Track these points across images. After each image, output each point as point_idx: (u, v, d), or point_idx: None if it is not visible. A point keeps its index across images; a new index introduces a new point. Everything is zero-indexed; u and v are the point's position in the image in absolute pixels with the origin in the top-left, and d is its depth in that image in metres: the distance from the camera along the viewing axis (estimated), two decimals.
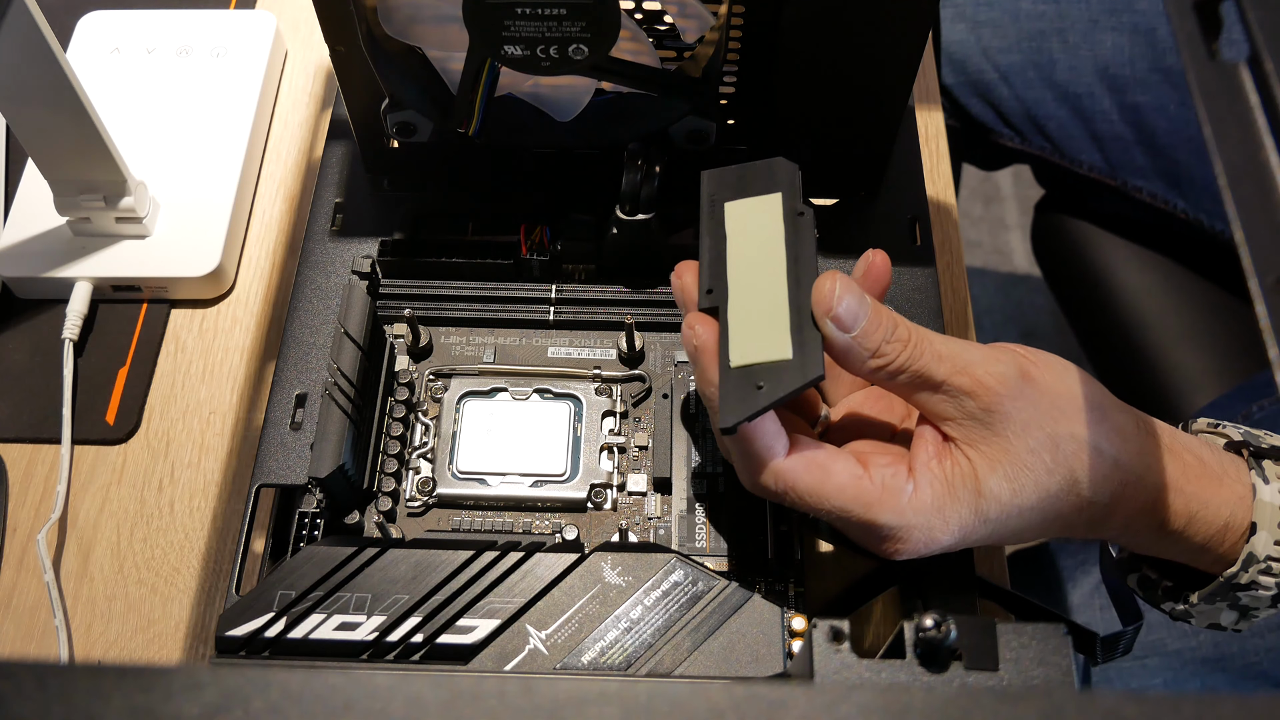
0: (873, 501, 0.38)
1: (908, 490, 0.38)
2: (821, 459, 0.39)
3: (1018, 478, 0.38)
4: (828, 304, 0.38)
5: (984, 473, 0.38)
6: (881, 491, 0.38)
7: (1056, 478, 0.38)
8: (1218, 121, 0.27)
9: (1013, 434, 0.38)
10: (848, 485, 0.38)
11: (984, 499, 0.38)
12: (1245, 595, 0.41)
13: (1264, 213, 0.25)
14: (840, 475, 0.38)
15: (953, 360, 0.39)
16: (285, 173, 0.66)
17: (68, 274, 0.59)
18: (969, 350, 0.39)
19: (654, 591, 0.42)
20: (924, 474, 0.39)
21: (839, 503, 0.38)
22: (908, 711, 0.17)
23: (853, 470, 0.39)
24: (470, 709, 0.17)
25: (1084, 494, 0.39)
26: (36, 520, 0.54)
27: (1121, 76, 0.83)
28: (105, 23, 0.68)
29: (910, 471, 0.39)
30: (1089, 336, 0.92)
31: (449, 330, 0.53)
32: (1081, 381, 0.40)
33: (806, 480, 0.38)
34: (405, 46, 0.48)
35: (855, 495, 0.38)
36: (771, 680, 0.37)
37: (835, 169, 0.56)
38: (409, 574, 0.42)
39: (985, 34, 0.87)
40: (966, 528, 0.38)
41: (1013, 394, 0.38)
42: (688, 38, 0.48)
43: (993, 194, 1.63)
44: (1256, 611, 0.43)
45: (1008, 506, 0.38)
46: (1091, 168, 0.86)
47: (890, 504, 0.38)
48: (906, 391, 0.40)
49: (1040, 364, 0.40)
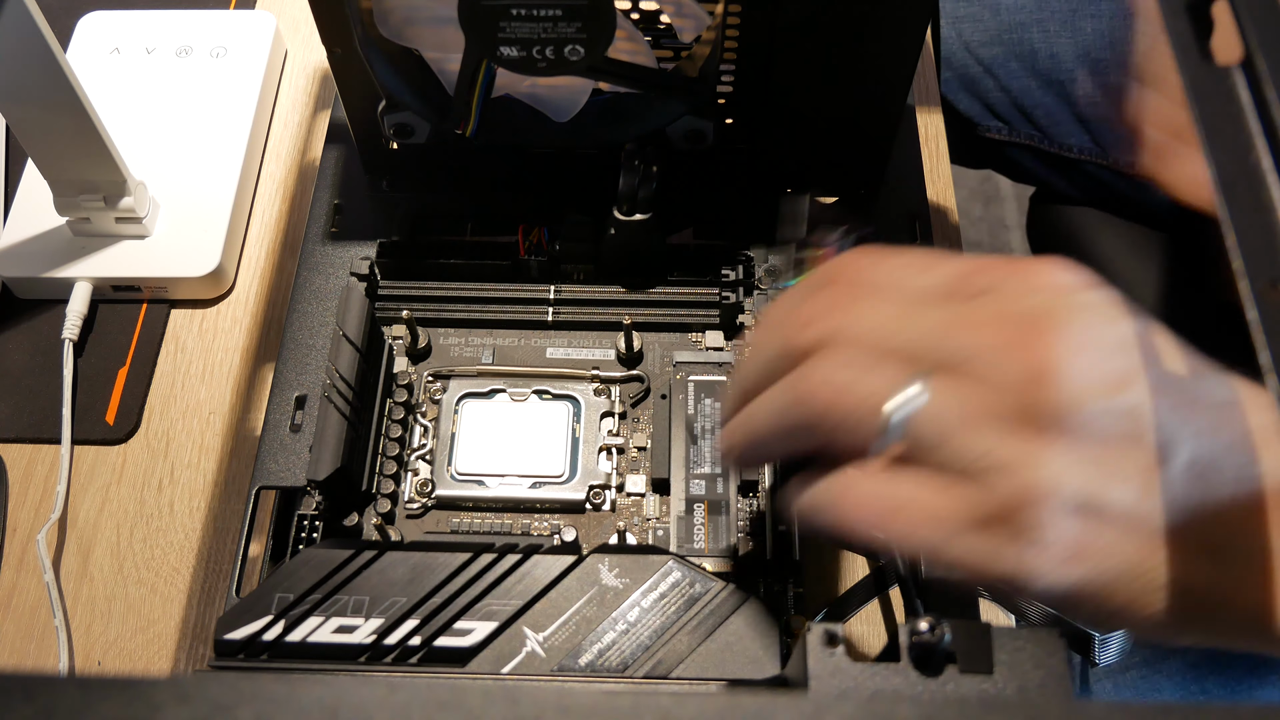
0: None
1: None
2: None
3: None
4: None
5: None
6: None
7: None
8: (1210, 123, 0.26)
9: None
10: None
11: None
12: None
13: (1256, 215, 0.25)
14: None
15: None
16: (285, 173, 0.66)
17: (68, 274, 0.59)
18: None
19: (651, 593, 0.42)
20: None
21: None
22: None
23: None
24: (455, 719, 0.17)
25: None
26: (36, 520, 0.55)
27: (1103, 60, 0.83)
28: (105, 23, 0.68)
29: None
30: None
31: (447, 331, 0.53)
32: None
33: None
34: (402, 48, 0.48)
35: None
36: (759, 687, 0.37)
37: (834, 167, 0.56)
38: (407, 576, 0.42)
39: (965, 29, 0.87)
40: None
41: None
42: (684, 37, 0.48)
43: (993, 194, 1.63)
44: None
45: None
46: (1081, 150, 0.86)
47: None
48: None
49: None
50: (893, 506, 0.30)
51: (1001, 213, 1.61)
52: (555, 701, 0.18)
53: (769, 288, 0.53)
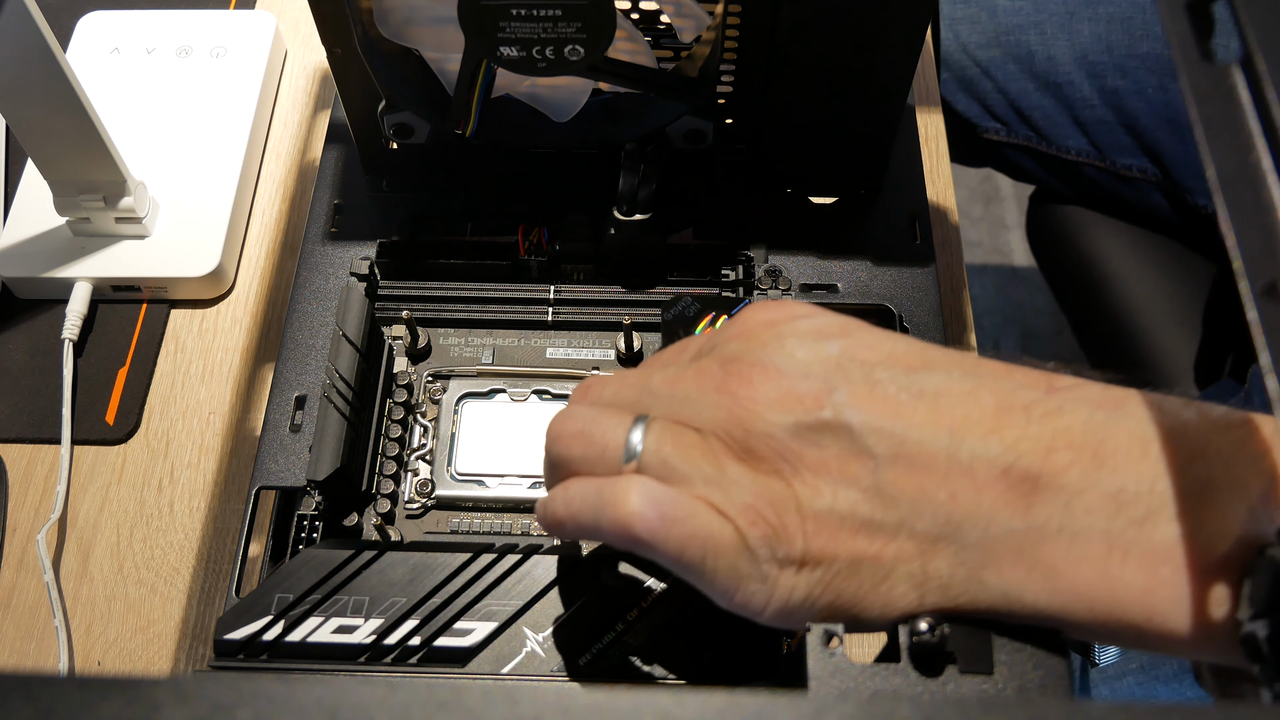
0: None
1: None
2: None
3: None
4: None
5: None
6: None
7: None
8: (1210, 123, 0.26)
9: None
10: None
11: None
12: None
13: (1256, 216, 0.25)
14: None
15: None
16: (285, 173, 0.66)
17: (67, 274, 0.59)
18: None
19: (651, 593, 0.42)
20: None
21: None
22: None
23: None
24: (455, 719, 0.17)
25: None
26: (36, 520, 0.55)
27: (1100, 63, 0.83)
28: (105, 23, 0.68)
29: None
30: (1083, 326, 0.92)
31: (447, 331, 0.53)
32: None
33: None
34: (401, 48, 0.48)
35: None
36: (759, 687, 0.37)
37: (834, 167, 0.56)
38: (407, 576, 0.42)
39: (963, 30, 0.88)
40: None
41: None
42: (684, 37, 0.48)
43: (992, 194, 1.63)
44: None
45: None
46: (1080, 152, 0.86)
47: None
48: None
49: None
50: (672, 515, 0.32)
51: (1001, 213, 1.61)
52: (555, 701, 0.18)
53: (767, 288, 0.53)
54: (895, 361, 0.32)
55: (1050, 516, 0.30)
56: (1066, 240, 0.91)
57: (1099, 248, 0.88)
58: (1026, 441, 0.30)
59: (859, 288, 0.53)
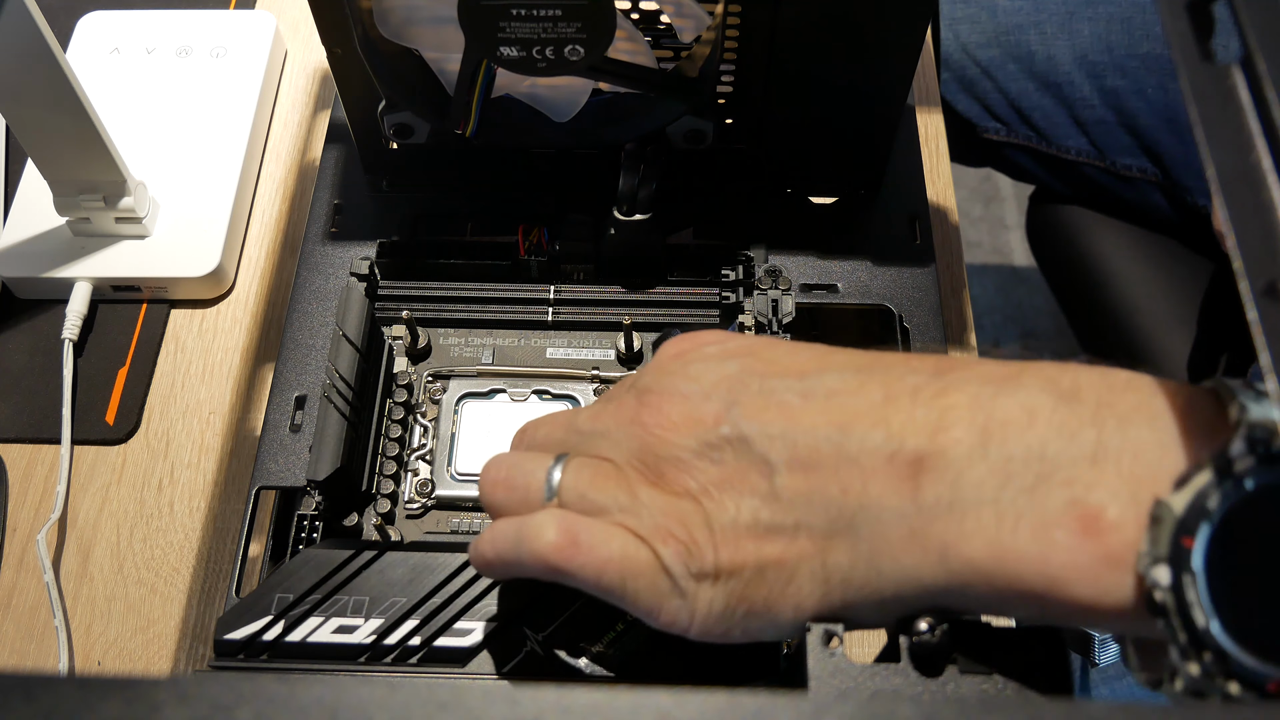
0: None
1: None
2: None
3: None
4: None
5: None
6: None
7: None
8: (1210, 123, 0.26)
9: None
10: None
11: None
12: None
13: (1256, 216, 0.25)
14: None
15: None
16: (285, 173, 0.66)
17: (67, 274, 0.59)
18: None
19: None
20: None
21: None
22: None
23: None
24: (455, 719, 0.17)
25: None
26: (36, 520, 0.55)
27: (1099, 63, 0.83)
28: (105, 23, 0.68)
29: None
30: (1083, 326, 0.92)
31: (447, 331, 0.53)
32: None
33: None
34: (401, 48, 0.48)
35: None
36: (759, 687, 0.37)
37: (834, 167, 0.56)
38: (407, 576, 0.42)
39: (963, 30, 0.88)
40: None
41: None
42: (684, 37, 0.48)
43: (992, 194, 1.63)
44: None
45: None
46: (1080, 152, 0.87)
47: None
48: None
49: None
50: (585, 541, 0.33)
51: (1001, 213, 1.61)
52: (555, 701, 0.18)
53: (767, 289, 0.53)
54: (789, 370, 0.33)
55: (939, 495, 0.30)
56: (1066, 240, 0.91)
57: (1099, 248, 0.88)
58: (912, 425, 0.31)
59: (859, 288, 0.53)
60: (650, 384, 0.35)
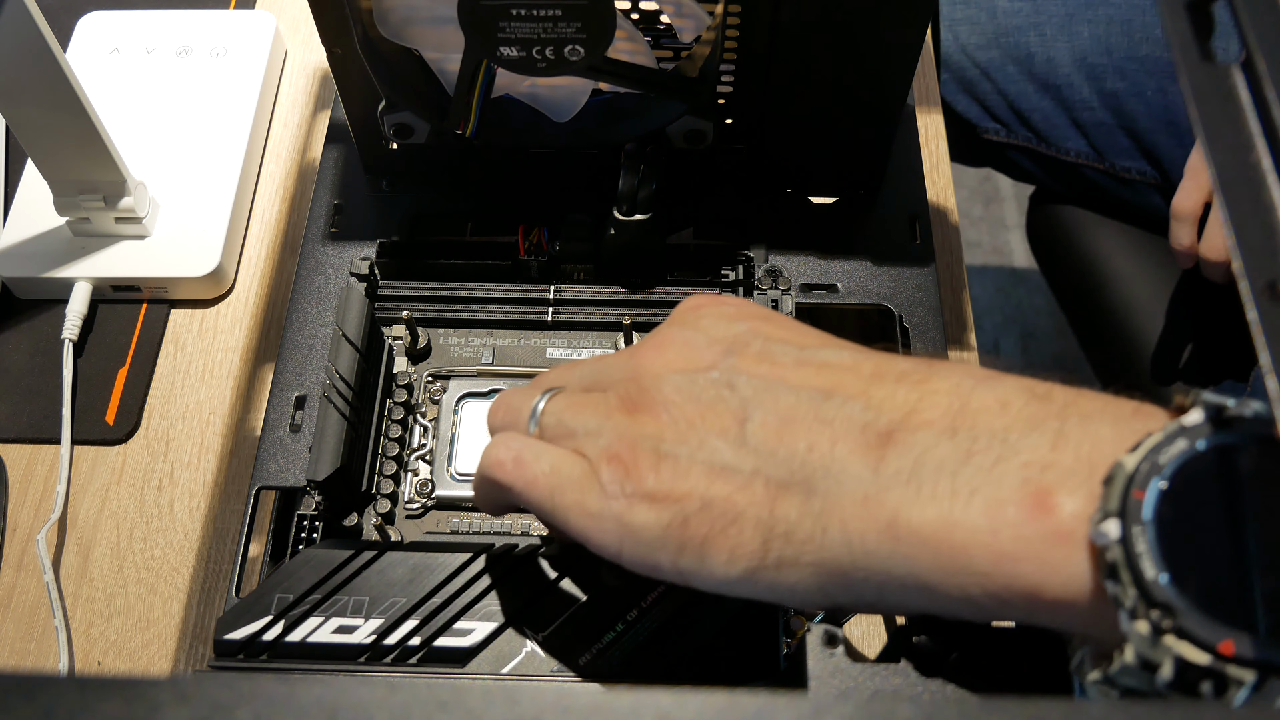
0: None
1: None
2: None
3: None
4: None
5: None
6: None
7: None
8: (1210, 123, 0.27)
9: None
10: None
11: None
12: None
13: (1256, 216, 0.25)
14: None
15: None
16: (285, 173, 0.66)
17: (67, 274, 0.59)
18: None
19: (651, 592, 0.42)
20: None
21: None
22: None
23: None
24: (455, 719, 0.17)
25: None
26: (36, 520, 0.55)
27: (1099, 65, 0.84)
28: (105, 23, 0.68)
29: None
30: (1083, 326, 0.92)
31: (447, 332, 0.53)
32: None
33: None
34: (401, 48, 0.48)
35: None
36: (759, 687, 0.37)
37: (834, 167, 0.56)
38: (406, 577, 0.42)
39: (962, 31, 0.88)
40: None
41: None
42: (684, 37, 0.48)
43: (992, 194, 1.63)
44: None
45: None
46: (1079, 154, 0.87)
47: None
48: None
49: None
50: (523, 458, 0.35)
51: (1001, 213, 1.61)
52: (555, 701, 0.18)
53: (767, 288, 0.53)
54: (792, 340, 0.35)
55: (900, 468, 0.30)
56: (1066, 240, 0.91)
57: (1099, 248, 0.88)
58: (891, 401, 0.31)
59: (859, 288, 0.53)
60: (661, 329, 0.37)
